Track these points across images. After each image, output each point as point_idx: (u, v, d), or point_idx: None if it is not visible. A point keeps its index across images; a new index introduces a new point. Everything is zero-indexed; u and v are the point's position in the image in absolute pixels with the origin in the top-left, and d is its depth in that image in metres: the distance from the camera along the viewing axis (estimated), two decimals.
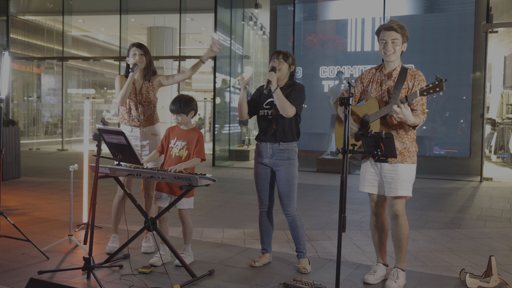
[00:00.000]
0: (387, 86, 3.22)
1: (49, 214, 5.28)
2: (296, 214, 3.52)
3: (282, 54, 3.51)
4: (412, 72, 3.19)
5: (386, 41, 3.16)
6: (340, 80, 10.07)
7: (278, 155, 3.48)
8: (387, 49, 3.17)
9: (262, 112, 3.55)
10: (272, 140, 3.49)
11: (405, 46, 3.23)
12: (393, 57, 3.18)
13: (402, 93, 3.14)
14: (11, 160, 7.80)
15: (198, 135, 3.57)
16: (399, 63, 3.24)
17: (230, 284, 3.22)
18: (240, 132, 12.41)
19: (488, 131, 11.76)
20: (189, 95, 3.68)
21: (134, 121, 3.90)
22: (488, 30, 8.76)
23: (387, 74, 3.25)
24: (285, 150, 3.47)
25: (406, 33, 3.20)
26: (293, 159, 3.50)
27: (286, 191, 3.47)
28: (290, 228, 3.55)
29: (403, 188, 3.16)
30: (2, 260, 3.60)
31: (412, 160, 3.19)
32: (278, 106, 3.38)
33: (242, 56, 12.49)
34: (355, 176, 8.87)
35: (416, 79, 3.15)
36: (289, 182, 3.47)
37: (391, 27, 3.16)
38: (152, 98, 3.94)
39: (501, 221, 5.35)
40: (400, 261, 3.27)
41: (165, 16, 13.82)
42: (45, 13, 15.12)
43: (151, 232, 3.96)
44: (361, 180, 3.37)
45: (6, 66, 4.05)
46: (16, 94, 16.23)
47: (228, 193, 6.99)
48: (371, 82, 3.32)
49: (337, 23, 10.31)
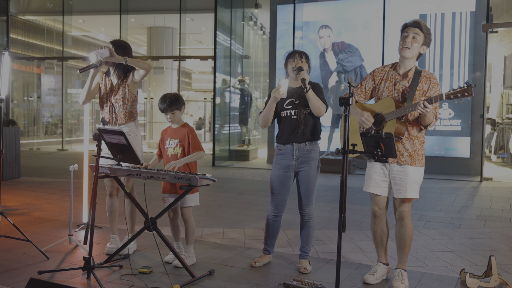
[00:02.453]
0: (401, 86, 3.18)
1: (49, 214, 5.28)
2: (312, 215, 3.51)
3: (305, 55, 3.48)
4: (427, 75, 3.16)
5: (408, 34, 3.12)
6: (340, 80, 10.08)
7: (304, 156, 3.45)
8: (405, 42, 3.12)
9: (285, 113, 3.48)
10: (299, 141, 3.44)
11: (424, 49, 3.18)
12: (408, 53, 3.13)
13: (417, 95, 3.11)
14: (11, 160, 7.80)
15: (188, 129, 3.58)
16: (414, 65, 3.20)
17: (230, 284, 3.22)
18: (240, 132, 12.41)
19: (488, 131, 11.76)
20: (175, 92, 3.69)
21: (105, 118, 3.87)
22: (488, 30, 8.76)
23: (402, 74, 3.21)
24: (310, 151, 3.45)
25: (429, 37, 3.16)
26: (317, 159, 3.48)
27: (307, 192, 3.46)
28: (302, 227, 3.53)
29: (412, 190, 3.15)
30: (2, 260, 3.60)
31: (421, 163, 3.18)
32: (313, 105, 3.33)
33: (242, 56, 12.50)
34: (355, 176, 8.87)
35: (431, 82, 3.13)
36: (311, 182, 3.44)
37: (418, 24, 3.13)
38: (124, 96, 3.85)
39: (501, 221, 5.35)
40: (403, 262, 3.26)
41: (165, 16, 13.82)
42: (45, 13, 15.12)
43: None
44: (366, 180, 3.33)
45: (6, 66, 4.05)
46: (16, 94, 16.23)
47: (228, 193, 6.99)
48: (383, 80, 3.27)
49: (338, 23, 10.31)
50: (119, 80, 3.87)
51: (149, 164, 3.62)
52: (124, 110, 3.87)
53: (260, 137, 16.52)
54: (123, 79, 3.87)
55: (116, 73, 3.88)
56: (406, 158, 3.15)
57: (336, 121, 9.99)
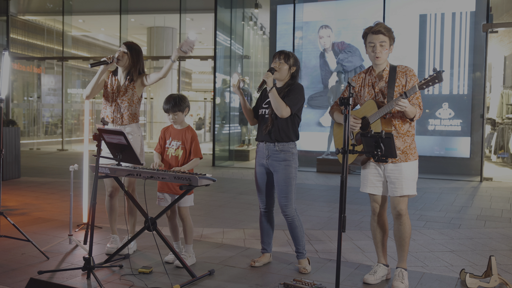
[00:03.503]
0: (379, 87, 3.24)
1: (49, 214, 5.28)
2: (295, 215, 3.50)
3: (284, 54, 3.50)
4: (402, 69, 3.22)
5: (375, 44, 3.18)
6: (340, 80, 10.08)
7: (274, 156, 3.47)
8: (377, 52, 3.18)
9: (261, 112, 3.56)
10: (267, 140, 3.48)
11: (392, 49, 3.26)
12: (380, 60, 3.21)
13: (396, 91, 3.17)
14: (11, 160, 7.80)
15: (192, 134, 3.60)
16: (386, 63, 3.27)
17: (230, 284, 3.22)
18: (240, 132, 12.41)
19: (488, 131, 11.76)
20: (180, 94, 3.70)
21: (108, 117, 3.89)
22: (488, 30, 8.76)
23: (377, 75, 3.27)
24: (280, 151, 3.45)
25: (393, 35, 3.24)
26: (290, 160, 3.47)
27: (283, 193, 3.46)
28: (289, 229, 3.54)
29: (408, 187, 3.18)
30: (2, 260, 3.60)
31: (414, 157, 3.22)
32: (273, 106, 3.38)
33: (242, 56, 12.50)
34: (355, 176, 8.86)
35: (408, 74, 3.19)
36: (286, 184, 3.45)
37: (378, 31, 3.18)
38: (130, 97, 3.88)
39: (501, 221, 5.35)
40: (403, 260, 3.27)
41: (165, 16, 13.82)
42: (45, 13, 15.12)
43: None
44: (362, 180, 3.36)
45: (6, 66, 4.05)
46: (16, 94, 16.23)
47: (228, 193, 6.99)
48: (362, 86, 3.34)
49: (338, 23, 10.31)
50: (127, 81, 3.89)
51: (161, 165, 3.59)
52: (129, 111, 3.90)
53: None
54: (131, 81, 3.89)
55: (125, 74, 3.91)
56: (399, 156, 3.19)
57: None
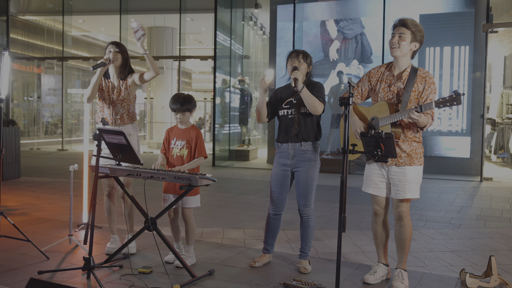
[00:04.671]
0: (396, 87, 3.16)
1: (49, 214, 5.28)
2: (311, 215, 3.51)
3: (302, 53, 3.48)
4: (422, 74, 3.12)
5: (395, 34, 3.12)
6: (340, 80, 10.07)
7: (299, 156, 3.45)
8: (393, 42, 3.12)
9: (282, 112, 3.51)
10: (294, 140, 3.45)
11: (416, 46, 3.14)
12: (397, 51, 3.11)
13: (412, 96, 3.08)
14: (11, 160, 7.80)
15: (196, 133, 3.59)
16: (409, 63, 3.17)
17: (230, 284, 3.22)
18: (240, 132, 12.41)
19: (488, 131, 11.76)
20: (188, 94, 3.69)
21: (106, 119, 3.88)
22: (488, 30, 8.76)
23: (396, 75, 3.18)
24: (306, 151, 3.44)
25: (419, 33, 3.12)
26: (314, 160, 3.47)
27: (304, 192, 3.45)
28: (302, 228, 3.54)
29: (411, 191, 3.15)
30: (2, 260, 3.60)
31: (419, 162, 3.17)
32: (308, 104, 3.33)
33: (242, 56, 12.49)
34: (355, 176, 8.86)
35: (427, 81, 3.09)
36: (308, 183, 3.44)
37: (403, 23, 3.11)
38: (126, 97, 3.89)
39: (501, 221, 5.34)
40: (403, 261, 3.26)
41: (165, 16, 13.82)
42: (45, 13, 15.12)
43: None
44: (365, 180, 3.34)
45: (6, 66, 4.05)
46: (16, 94, 16.23)
47: (228, 193, 6.99)
48: (379, 81, 3.25)
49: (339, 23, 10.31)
50: (120, 81, 3.89)
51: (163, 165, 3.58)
52: (127, 111, 3.91)
53: (260, 137, 16.52)
54: (124, 79, 3.90)
55: (117, 74, 3.91)
56: (404, 159, 3.15)
57: (336, 121, 9.99)
